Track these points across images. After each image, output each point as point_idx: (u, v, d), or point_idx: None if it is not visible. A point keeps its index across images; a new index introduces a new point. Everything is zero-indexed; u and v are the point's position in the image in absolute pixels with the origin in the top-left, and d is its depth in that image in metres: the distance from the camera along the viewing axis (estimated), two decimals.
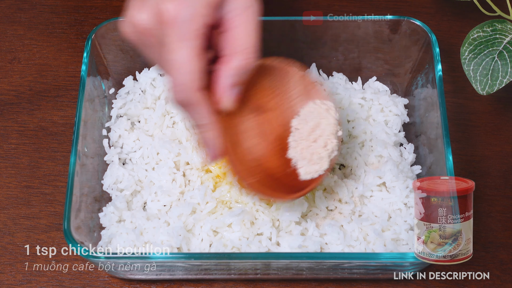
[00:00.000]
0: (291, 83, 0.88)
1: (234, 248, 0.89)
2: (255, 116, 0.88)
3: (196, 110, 0.77)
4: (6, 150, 1.04)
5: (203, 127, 0.79)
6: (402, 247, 0.89)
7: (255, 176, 0.85)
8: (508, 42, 0.97)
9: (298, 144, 0.87)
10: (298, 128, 0.88)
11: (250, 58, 0.76)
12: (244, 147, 0.86)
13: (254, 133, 0.88)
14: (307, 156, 0.86)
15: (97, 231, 0.92)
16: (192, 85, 0.74)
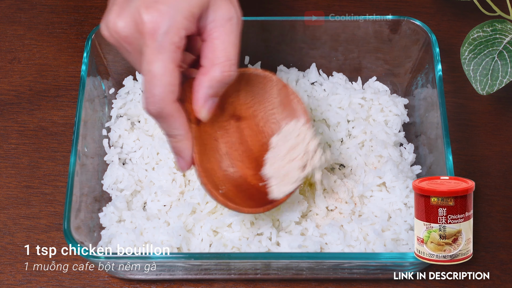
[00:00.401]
0: (270, 93, 0.87)
1: (234, 248, 0.89)
2: (229, 123, 0.87)
3: (169, 121, 0.77)
4: (6, 150, 1.04)
5: (175, 137, 0.79)
6: (402, 247, 0.89)
7: (222, 187, 0.84)
8: (508, 42, 0.97)
9: (274, 161, 0.86)
10: (277, 146, 0.87)
11: (228, 70, 0.76)
12: (214, 155, 0.85)
13: (226, 141, 0.87)
14: (281, 175, 0.85)
15: (97, 231, 0.92)
16: (167, 98, 0.74)
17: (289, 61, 1.06)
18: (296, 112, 0.87)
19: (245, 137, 0.88)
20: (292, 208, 0.90)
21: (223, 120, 0.87)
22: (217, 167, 0.85)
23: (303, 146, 0.85)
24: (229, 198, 0.83)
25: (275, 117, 0.88)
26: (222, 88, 0.78)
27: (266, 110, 0.88)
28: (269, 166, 0.86)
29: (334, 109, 1.01)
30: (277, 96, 0.88)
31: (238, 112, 0.87)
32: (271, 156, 0.87)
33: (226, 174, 0.86)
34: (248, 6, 1.18)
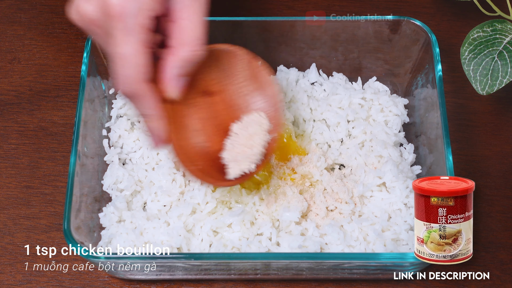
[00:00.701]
0: (239, 66, 0.89)
1: (234, 248, 0.89)
2: (201, 99, 0.89)
3: (141, 101, 0.78)
4: (6, 150, 1.04)
5: (148, 117, 0.80)
6: (402, 247, 0.89)
7: (196, 163, 0.86)
8: (508, 42, 0.97)
9: (233, 147, 0.88)
10: (237, 133, 0.89)
11: (196, 50, 0.78)
12: (188, 132, 0.87)
13: (199, 117, 0.89)
14: (239, 159, 0.87)
15: (97, 231, 0.92)
16: (138, 78, 0.76)
17: (289, 61, 1.06)
18: (266, 83, 0.89)
19: (219, 111, 0.90)
20: (292, 208, 0.90)
21: (195, 97, 0.88)
22: (192, 143, 0.87)
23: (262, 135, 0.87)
24: (206, 172, 0.86)
25: (246, 88, 0.90)
26: (191, 67, 0.79)
27: (237, 83, 0.90)
28: (228, 151, 0.88)
29: (334, 109, 1.01)
30: (246, 69, 0.89)
31: (209, 88, 0.89)
32: (230, 142, 0.89)
33: (201, 150, 0.88)
34: (248, 6, 1.18)
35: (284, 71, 1.05)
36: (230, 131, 0.89)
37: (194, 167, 0.85)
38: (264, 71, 0.89)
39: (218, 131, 0.89)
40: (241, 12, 1.17)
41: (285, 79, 1.03)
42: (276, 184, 0.94)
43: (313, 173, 0.95)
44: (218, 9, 1.17)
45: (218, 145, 0.89)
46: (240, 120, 0.89)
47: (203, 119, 0.89)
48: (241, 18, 1.02)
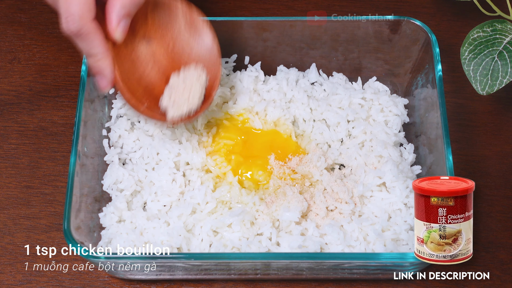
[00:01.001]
0: (176, 14, 0.93)
1: (234, 248, 0.89)
2: (143, 45, 0.92)
3: (89, 39, 0.81)
4: (6, 150, 1.04)
5: (96, 56, 0.83)
6: (402, 247, 0.89)
7: (145, 101, 0.90)
8: (508, 42, 0.97)
9: (171, 96, 0.92)
10: (175, 84, 0.93)
11: None
12: (132, 74, 0.90)
13: (140, 61, 0.92)
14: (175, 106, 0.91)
15: (97, 231, 0.92)
16: (85, 15, 0.79)
17: (289, 61, 1.06)
18: (203, 31, 0.94)
19: (158, 56, 0.93)
20: (292, 208, 0.90)
21: (136, 42, 0.92)
22: (137, 84, 0.90)
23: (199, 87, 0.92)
24: (153, 109, 0.90)
25: (182, 38, 0.94)
26: (134, 8, 0.84)
27: (174, 31, 0.94)
28: (166, 98, 0.92)
29: (334, 109, 1.01)
30: (183, 18, 0.94)
31: (148, 34, 0.93)
32: (168, 92, 0.93)
33: (145, 91, 0.91)
34: (248, 6, 1.18)
35: (284, 71, 1.05)
36: (169, 81, 0.93)
37: (141, 105, 0.89)
38: (200, 20, 0.94)
39: (161, 74, 0.93)
40: (241, 12, 1.17)
41: (285, 79, 1.03)
42: (276, 184, 0.94)
43: (313, 173, 0.95)
44: (218, 9, 1.17)
45: (161, 87, 0.93)
46: (178, 72, 0.93)
47: (144, 63, 0.92)
48: (241, 18, 1.02)
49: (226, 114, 1.01)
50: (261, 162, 0.96)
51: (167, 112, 0.91)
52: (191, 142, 0.97)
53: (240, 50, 1.05)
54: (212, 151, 0.98)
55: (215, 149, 0.98)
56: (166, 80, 0.94)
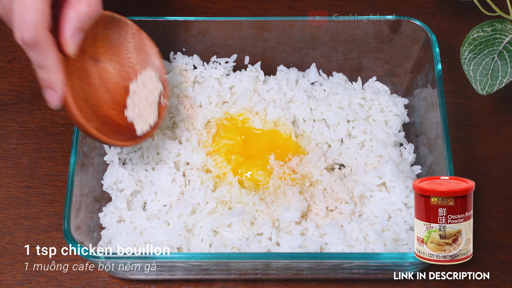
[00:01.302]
0: (125, 37, 0.92)
1: (234, 248, 0.89)
2: (90, 65, 0.90)
3: (42, 50, 0.79)
4: (6, 150, 1.04)
5: (47, 68, 0.81)
6: (402, 247, 0.89)
7: (93, 121, 0.87)
8: (508, 42, 0.97)
9: (136, 105, 0.91)
10: (136, 91, 0.92)
11: (94, 5, 0.80)
12: (81, 94, 0.88)
13: (88, 82, 0.90)
14: (143, 115, 0.91)
15: (97, 231, 0.92)
16: (40, 25, 0.77)
17: (289, 61, 1.06)
18: (150, 56, 0.93)
19: (105, 79, 0.92)
20: (292, 208, 0.90)
21: (83, 62, 0.89)
22: (84, 104, 0.88)
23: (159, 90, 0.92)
24: (101, 131, 0.87)
25: (130, 61, 0.93)
26: (88, 22, 0.81)
27: (122, 54, 0.93)
28: (131, 109, 0.91)
29: (334, 109, 1.01)
30: (131, 40, 0.93)
31: (96, 55, 0.91)
32: (132, 100, 0.92)
33: (93, 112, 0.89)
34: (248, 6, 1.18)
35: (284, 71, 1.05)
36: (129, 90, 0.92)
37: (89, 125, 0.85)
38: (149, 44, 0.93)
39: (106, 98, 0.91)
40: (241, 12, 1.17)
41: (285, 79, 1.03)
42: (276, 184, 0.94)
43: (313, 173, 0.95)
44: (218, 9, 1.17)
45: (106, 110, 0.90)
46: (136, 79, 0.92)
47: (90, 84, 0.90)
48: (241, 18, 1.02)
49: (226, 114, 1.01)
50: (261, 162, 0.96)
51: (136, 127, 0.90)
52: (191, 142, 0.97)
53: (240, 50, 1.05)
54: (212, 151, 0.98)
55: (215, 149, 0.98)
56: (113, 101, 0.91)
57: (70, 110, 0.84)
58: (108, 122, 0.90)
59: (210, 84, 1.03)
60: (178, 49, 1.05)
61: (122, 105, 0.92)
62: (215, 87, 1.03)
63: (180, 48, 1.05)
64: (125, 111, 0.91)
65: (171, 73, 1.03)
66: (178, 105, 1.00)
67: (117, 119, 0.91)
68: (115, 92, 0.92)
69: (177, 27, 1.02)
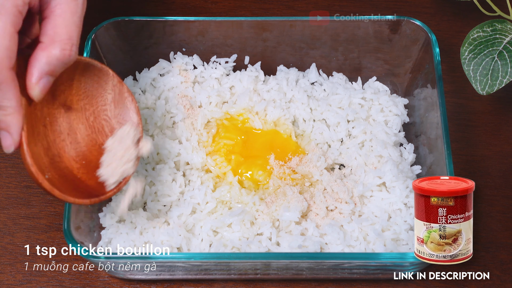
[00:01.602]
0: (104, 87, 0.87)
1: (234, 248, 0.89)
2: (60, 112, 0.85)
3: (2, 89, 0.73)
4: None
5: (5, 109, 0.75)
6: (402, 247, 0.89)
7: (48, 173, 0.80)
8: (508, 42, 0.97)
9: (111, 163, 0.86)
10: (112, 148, 0.86)
11: (69, 50, 0.75)
12: (43, 142, 0.82)
13: (55, 130, 0.84)
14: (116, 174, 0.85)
15: (97, 231, 0.92)
16: (3, 62, 0.72)
17: (289, 61, 1.06)
18: (128, 112, 0.88)
19: (74, 129, 0.86)
20: (292, 208, 0.90)
21: (53, 108, 0.84)
22: (43, 153, 0.82)
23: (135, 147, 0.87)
24: (55, 185, 0.80)
25: (106, 113, 0.87)
26: (60, 67, 0.76)
27: (98, 105, 0.87)
28: (105, 168, 0.85)
29: (334, 109, 1.01)
30: (111, 92, 0.87)
31: (69, 103, 0.85)
32: (107, 159, 0.86)
33: (52, 162, 0.82)
34: (248, 6, 1.18)
35: (284, 71, 1.05)
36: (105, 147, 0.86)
37: (42, 177, 0.78)
38: (129, 98, 0.88)
39: (72, 149, 0.85)
40: (241, 12, 1.17)
41: (285, 79, 1.03)
42: (276, 184, 0.94)
43: (313, 173, 0.95)
44: (218, 9, 1.17)
45: (69, 163, 0.84)
46: (112, 134, 0.87)
47: (57, 132, 0.84)
48: (241, 18, 1.02)
49: (226, 114, 1.01)
50: (261, 162, 0.96)
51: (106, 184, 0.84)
52: (191, 142, 0.97)
53: (240, 50, 1.05)
54: (212, 151, 0.98)
55: (215, 149, 0.98)
56: (78, 154, 0.85)
57: (23, 158, 0.78)
58: (68, 175, 0.83)
59: (210, 84, 1.03)
60: (178, 49, 1.05)
61: (88, 159, 0.86)
62: (215, 87, 1.03)
63: (180, 48, 1.05)
64: (98, 170, 0.85)
65: (171, 73, 1.03)
66: (178, 105, 1.00)
67: (78, 173, 0.85)
68: (83, 144, 0.86)
69: (177, 27, 1.02)
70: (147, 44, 1.04)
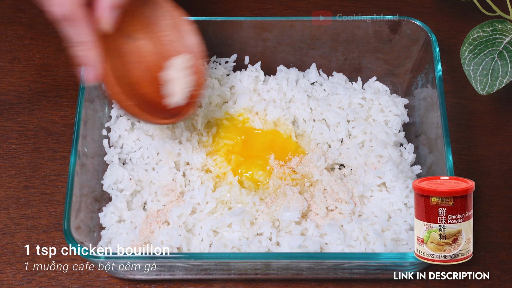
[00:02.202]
0: (163, 15, 0.91)
1: (234, 248, 0.89)
2: (128, 43, 0.90)
3: (78, 25, 0.78)
4: (6, 150, 1.04)
5: (83, 44, 0.79)
6: (402, 247, 0.89)
7: (132, 99, 0.86)
8: (508, 42, 0.97)
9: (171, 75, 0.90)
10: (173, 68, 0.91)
11: None
12: (120, 71, 0.87)
13: (126, 60, 0.89)
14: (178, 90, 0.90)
15: (97, 231, 0.92)
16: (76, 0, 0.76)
17: (289, 61, 1.06)
18: (187, 33, 0.92)
19: (143, 57, 0.91)
20: (292, 208, 0.90)
21: (120, 40, 0.89)
22: (124, 82, 0.87)
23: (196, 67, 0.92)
24: (142, 108, 0.86)
25: (169, 38, 0.92)
26: None
27: (158, 32, 0.91)
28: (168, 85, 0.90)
29: (334, 109, 1.01)
30: (168, 18, 0.91)
31: (132, 33, 0.90)
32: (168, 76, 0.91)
33: (132, 89, 0.88)
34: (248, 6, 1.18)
35: (284, 71, 1.05)
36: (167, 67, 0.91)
37: (131, 103, 0.84)
38: (185, 21, 0.92)
39: (144, 73, 0.91)
40: (241, 12, 1.17)
41: (285, 79, 1.03)
42: (276, 184, 0.94)
43: (313, 173, 0.95)
44: (218, 9, 1.17)
45: (146, 88, 0.90)
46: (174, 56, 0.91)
47: (128, 62, 0.90)
48: (241, 18, 1.02)
49: (226, 114, 1.01)
50: (261, 162, 0.96)
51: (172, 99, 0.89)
52: (191, 142, 0.97)
53: (240, 50, 1.05)
54: (212, 151, 0.98)
55: (215, 149, 0.98)
56: (151, 79, 0.91)
57: (110, 88, 0.83)
58: (147, 99, 0.89)
59: (210, 84, 1.03)
60: None
61: (160, 84, 0.91)
62: (215, 87, 1.03)
63: None
64: (162, 88, 0.90)
65: None
66: None
67: (155, 97, 0.90)
68: (153, 70, 0.91)
69: None
70: None
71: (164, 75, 0.91)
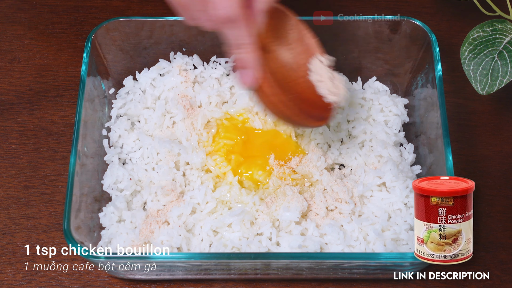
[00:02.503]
0: (288, 28, 0.91)
1: (234, 248, 0.89)
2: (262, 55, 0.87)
3: (239, 27, 0.76)
4: (6, 150, 1.04)
5: (244, 47, 0.78)
6: (402, 247, 0.89)
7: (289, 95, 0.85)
8: (508, 42, 0.97)
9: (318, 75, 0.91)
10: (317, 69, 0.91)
11: None
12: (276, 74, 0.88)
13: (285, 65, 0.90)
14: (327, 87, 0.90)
15: (97, 231, 0.92)
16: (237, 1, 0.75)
17: None
18: (310, 46, 0.92)
19: (274, 69, 0.90)
20: (292, 208, 0.90)
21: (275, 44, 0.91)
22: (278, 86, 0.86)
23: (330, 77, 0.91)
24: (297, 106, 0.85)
25: (293, 51, 0.92)
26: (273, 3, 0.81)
27: (284, 45, 0.92)
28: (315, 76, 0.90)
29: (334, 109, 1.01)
30: (294, 31, 0.91)
31: (264, 46, 0.89)
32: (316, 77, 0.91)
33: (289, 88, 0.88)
34: None
35: None
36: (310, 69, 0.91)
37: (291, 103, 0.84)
38: (309, 34, 0.91)
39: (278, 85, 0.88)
40: None
41: None
42: (276, 184, 0.94)
43: (313, 173, 0.95)
44: None
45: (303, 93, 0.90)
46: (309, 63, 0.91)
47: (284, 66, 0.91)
48: None
49: (226, 114, 1.01)
50: (261, 162, 0.96)
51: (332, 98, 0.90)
52: (191, 142, 0.97)
53: None
54: (212, 151, 0.98)
55: (215, 149, 0.98)
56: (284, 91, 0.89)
57: (270, 89, 0.83)
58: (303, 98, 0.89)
59: (210, 84, 1.03)
60: (178, 49, 1.05)
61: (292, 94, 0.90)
62: (215, 87, 1.03)
63: (180, 48, 1.05)
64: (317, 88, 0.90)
65: (171, 73, 1.03)
66: (178, 105, 1.00)
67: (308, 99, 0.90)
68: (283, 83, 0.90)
69: (177, 27, 1.02)
70: (147, 44, 1.04)
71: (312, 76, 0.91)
